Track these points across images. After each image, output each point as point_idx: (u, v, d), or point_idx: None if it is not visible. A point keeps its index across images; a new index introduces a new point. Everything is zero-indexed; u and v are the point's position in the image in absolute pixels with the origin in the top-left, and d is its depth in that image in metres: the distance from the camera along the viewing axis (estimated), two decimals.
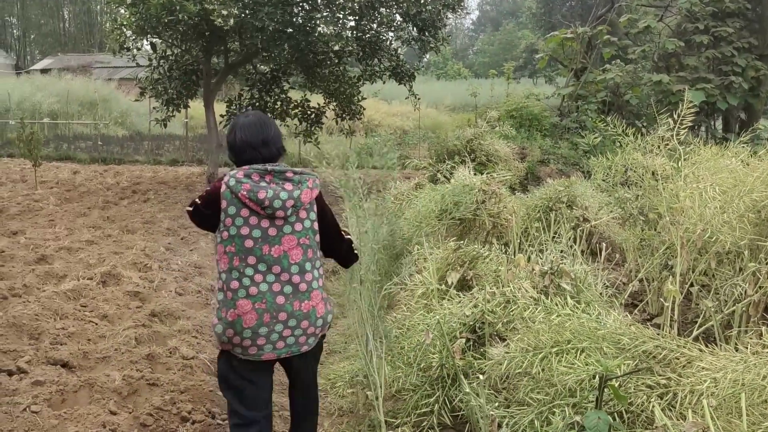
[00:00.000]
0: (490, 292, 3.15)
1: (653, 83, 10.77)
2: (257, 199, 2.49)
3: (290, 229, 2.58)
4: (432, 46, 10.38)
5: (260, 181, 2.54)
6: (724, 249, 3.56)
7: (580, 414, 2.34)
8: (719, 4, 11.00)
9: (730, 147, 4.80)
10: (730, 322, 3.59)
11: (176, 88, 10.13)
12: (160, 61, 10.23)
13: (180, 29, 8.62)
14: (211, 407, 3.38)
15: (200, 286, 5.28)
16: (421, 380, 3.14)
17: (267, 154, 2.64)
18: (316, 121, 11.77)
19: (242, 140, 2.65)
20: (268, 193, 2.51)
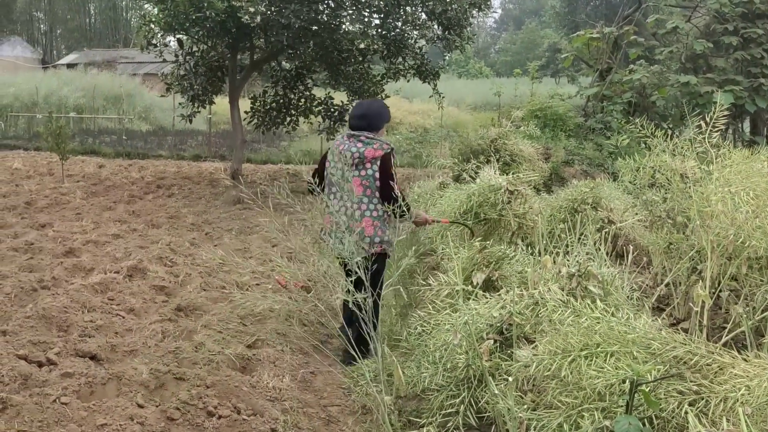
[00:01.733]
0: (518, 294, 3.13)
1: (680, 84, 10.64)
2: (338, 150, 4.02)
3: (357, 173, 3.99)
4: (457, 45, 10.35)
5: (346, 141, 4.04)
6: (756, 255, 3.50)
7: (610, 419, 2.32)
8: (749, 5, 10.83)
9: (761, 150, 4.72)
10: (760, 329, 3.54)
11: (202, 84, 10.19)
12: (186, 58, 10.31)
13: (207, 26, 8.67)
14: (237, 402, 3.40)
15: (224, 282, 5.32)
16: (447, 380, 3.14)
17: (357, 124, 4.07)
18: (339, 118, 11.79)
19: (350, 114, 4.20)
20: (344, 147, 4.01)
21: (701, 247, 3.92)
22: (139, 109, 23.12)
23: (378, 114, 4.17)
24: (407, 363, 3.60)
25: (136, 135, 19.14)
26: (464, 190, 5.50)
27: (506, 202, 5.15)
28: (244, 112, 11.00)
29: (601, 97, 11.72)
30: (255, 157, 15.46)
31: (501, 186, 5.34)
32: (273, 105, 11.31)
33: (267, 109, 11.28)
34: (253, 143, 17.55)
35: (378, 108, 4.24)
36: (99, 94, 22.77)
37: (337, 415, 3.57)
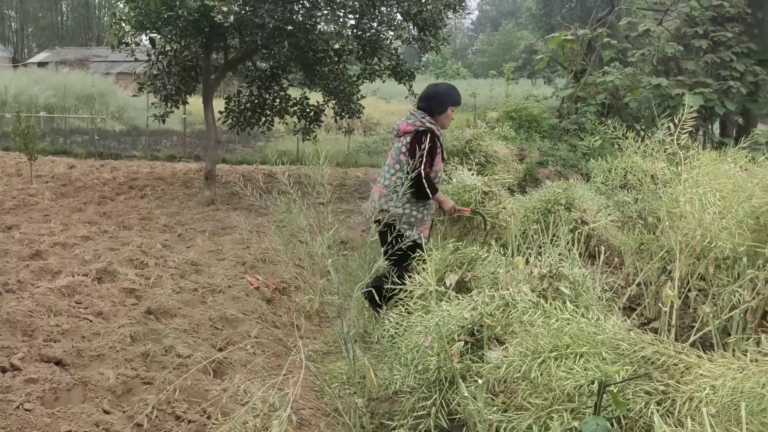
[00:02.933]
0: (489, 295, 3.13)
1: (652, 86, 10.78)
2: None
3: (393, 145, 4.50)
4: (432, 46, 10.36)
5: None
6: (723, 255, 3.55)
7: (579, 419, 2.33)
8: (719, 9, 11.01)
9: (728, 152, 4.79)
10: (727, 328, 3.58)
11: (175, 84, 10.07)
12: (159, 57, 10.18)
13: (179, 25, 8.56)
14: (207, 407, 3.36)
15: (197, 284, 5.25)
16: (419, 382, 3.13)
17: (418, 105, 4.51)
18: (315, 119, 11.74)
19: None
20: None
21: (670, 248, 3.97)
22: (113, 108, 22.82)
23: (433, 97, 4.45)
24: (380, 365, 3.59)
25: (109, 135, 18.87)
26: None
27: (480, 203, 5.17)
28: (219, 112, 10.90)
29: (576, 98, 11.83)
30: (230, 157, 15.34)
31: (475, 187, 5.36)
32: (248, 105, 11.21)
33: (242, 109, 11.19)
34: (228, 143, 17.41)
35: (435, 91, 4.50)
36: (70, 93, 22.42)
37: (309, 418, 3.54)
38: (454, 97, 4.50)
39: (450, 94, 4.48)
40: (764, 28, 11.36)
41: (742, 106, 11.34)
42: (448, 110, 4.46)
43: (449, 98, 4.46)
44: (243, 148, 17.27)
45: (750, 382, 2.06)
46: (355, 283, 3.89)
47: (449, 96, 4.47)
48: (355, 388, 3.27)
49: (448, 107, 4.45)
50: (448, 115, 4.49)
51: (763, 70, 11.11)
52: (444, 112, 4.45)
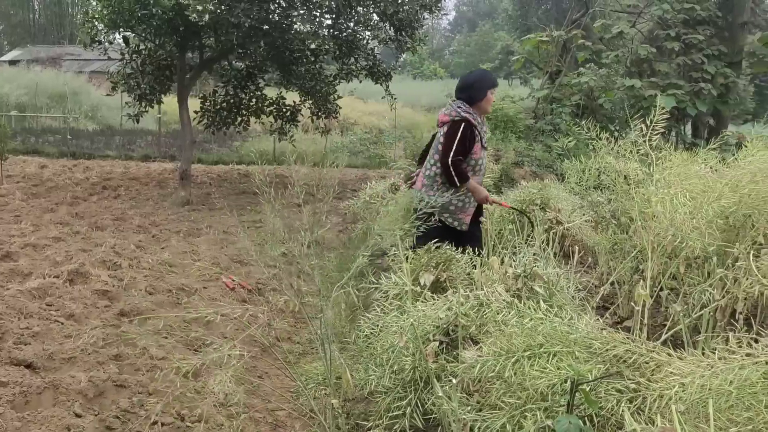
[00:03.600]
0: (464, 295, 3.15)
1: (626, 88, 10.91)
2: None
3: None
4: (409, 47, 10.38)
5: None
6: (693, 254, 3.61)
7: (552, 418, 2.35)
8: (690, 12, 11.19)
9: (699, 153, 4.87)
10: (697, 327, 3.64)
11: (149, 83, 9.96)
12: (132, 56, 10.06)
13: (153, 23, 8.47)
14: (180, 409, 3.33)
15: (171, 285, 5.20)
16: (394, 383, 3.13)
17: (457, 96, 4.53)
18: (292, 119, 11.69)
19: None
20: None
21: (643, 248, 4.02)
22: (86, 107, 22.48)
23: (471, 86, 4.49)
24: (356, 365, 3.59)
25: (82, 134, 18.61)
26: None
27: None
28: (194, 111, 10.81)
29: (551, 99, 11.93)
30: (206, 157, 15.22)
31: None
32: (223, 105, 11.13)
33: (217, 109, 11.10)
34: (204, 143, 17.27)
35: (472, 79, 4.56)
36: (42, 92, 22.05)
37: (284, 420, 3.53)
38: (489, 80, 4.57)
39: (486, 79, 4.57)
40: (734, 31, 11.56)
41: (713, 108, 11.53)
42: (488, 94, 4.50)
43: (486, 83, 4.52)
44: (219, 148, 17.16)
45: (718, 380, 2.10)
46: (332, 283, 3.89)
47: (485, 80, 4.54)
48: (331, 388, 3.27)
49: (487, 91, 4.50)
50: (489, 99, 4.53)
51: (733, 72, 11.30)
52: (484, 97, 4.50)
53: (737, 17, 11.47)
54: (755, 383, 2.05)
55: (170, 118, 19.55)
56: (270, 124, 12.14)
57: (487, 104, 4.56)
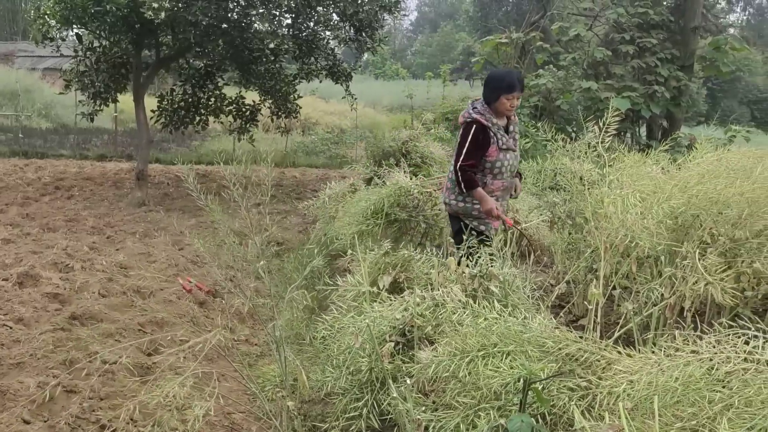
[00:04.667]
0: (420, 296, 3.16)
1: (582, 90, 11.09)
2: None
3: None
4: (369, 47, 10.38)
5: None
6: (644, 254, 3.69)
7: (505, 417, 2.38)
8: (644, 16, 11.43)
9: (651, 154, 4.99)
10: (649, 325, 3.72)
11: (104, 81, 9.75)
12: (86, 53, 9.83)
13: (108, 20, 8.28)
14: (133, 414, 3.26)
15: (125, 287, 5.10)
16: (351, 384, 3.13)
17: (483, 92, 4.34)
18: (251, 118, 11.58)
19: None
20: None
21: (596, 247, 4.09)
22: (39, 105, 21.89)
23: (487, 84, 4.31)
24: (313, 367, 3.58)
25: (35, 133, 18.10)
26: (375, 193, 5.53)
27: (414, 207, 5.22)
28: (151, 110, 10.62)
29: None
30: (164, 157, 14.97)
31: (411, 189, 5.41)
32: (181, 104, 10.96)
33: (175, 108, 10.92)
34: (162, 143, 16.98)
35: (489, 78, 4.35)
36: None
37: (241, 423, 3.50)
38: (505, 84, 4.21)
39: (502, 80, 4.25)
40: (686, 35, 11.84)
41: (666, 110, 11.79)
42: (501, 98, 4.21)
43: (501, 86, 4.21)
44: (178, 148, 16.89)
45: (664, 376, 2.15)
46: (290, 284, 3.87)
47: (501, 82, 4.24)
48: (287, 391, 3.25)
49: (501, 95, 4.21)
50: (502, 103, 4.22)
51: (685, 75, 11.58)
52: (496, 101, 4.23)
53: (689, 22, 11.76)
54: (699, 380, 2.10)
55: (127, 116, 19.14)
56: (229, 124, 12.02)
57: (501, 107, 4.25)
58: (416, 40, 76.85)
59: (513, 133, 4.42)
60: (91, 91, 9.84)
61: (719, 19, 14.70)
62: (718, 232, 3.45)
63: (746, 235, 3.38)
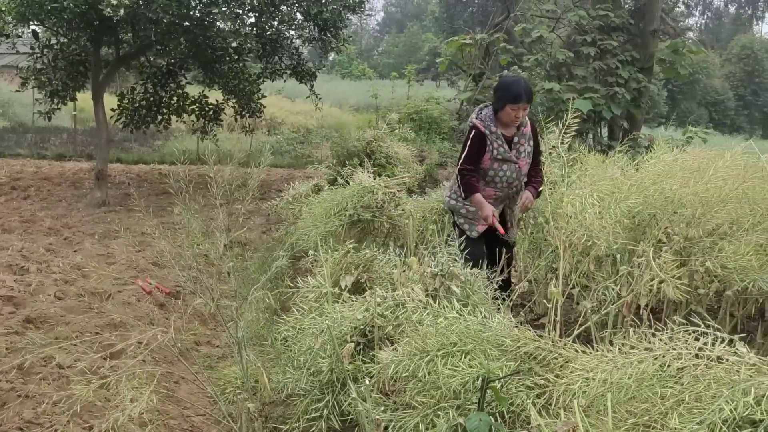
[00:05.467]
0: (381, 296, 3.16)
1: (545, 91, 11.22)
2: None
3: None
4: (333, 46, 10.35)
5: None
6: (602, 253, 3.74)
7: (464, 416, 2.39)
8: (605, 19, 11.61)
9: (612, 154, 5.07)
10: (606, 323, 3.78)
11: (61, 79, 9.53)
12: (43, 50, 9.60)
13: (65, 17, 8.10)
14: (89, 419, 3.20)
15: (83, 290, 4.99)
16: (312, 385, 3.11)
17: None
18: (215, 117, 11.45)
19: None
20: None
21: (556, 246, 4.14)
22: None
23: (495, 91, 4.28)
24: (275, 368, 3.55)
25: None
26: (338, 193, 5.51)
27: (378, 207, 5.21)
28: (111, 109, 10.41)
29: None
30: (126, 156, 14.72)
31: (375, 189, 5.40)
32: (142, 103, 10.78)
33: (136, 107, 10.73)
34: (124, 142, 16.68)
35: (497, 85, 4.34)
36: None
37: (200, 425, 3.46)
38: (511, 93, 4.06)
39: (509, 90, 4.10)
40: (646, 38, 12.07)
41: (627, 111, 12.00)
42: (507, 108, 4.07)
43: (507, 95, 4.07)
44: (140, 147, 16.61)
45: (618, 374, 2.18)
46: (253, 285, 3.83)
47: (507, 91, 4.09)
48: (248, 392, 3.22)
49: (506, 105, 4.07)
50: (507, 113, 4.09)
51: (645, 77, 11.80)
52: (501, 109, 4.11)
53: (648, 25, 11.98)
54: (652, 376, 2.14)
55: (87, 115, 18.76)
56: (192, 123, 11.86)
57: (506, 117, 4.13)
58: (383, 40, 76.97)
59: (518, 145, 4.27)
60: (48, 89, 9.62)
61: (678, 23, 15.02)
62: (672, 231, 3.52)
63: (699, 233, 3.46)
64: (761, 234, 3.46)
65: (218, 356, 4.40)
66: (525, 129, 4.29)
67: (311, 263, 4.66)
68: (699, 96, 44.76)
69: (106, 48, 10.04)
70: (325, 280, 3.70)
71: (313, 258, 4.40)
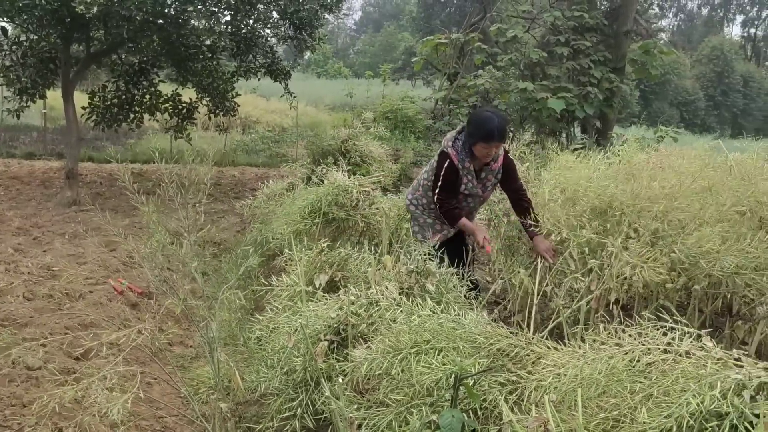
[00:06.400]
0: (355, 294, 3.16)
1: (519, 90, 11.30)
2: None
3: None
4: (308, 45, 10.31)
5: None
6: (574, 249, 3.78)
7: (437, 413, 2.40)
8: (579, 20, 11.73)
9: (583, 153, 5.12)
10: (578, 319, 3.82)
11: (31, 77, 9.34)
12: (12, 47, 9.41)
13: (36, 14, 7.95)
14: (58, 421, 3.15)
15: (53, 290, 4.91)
16: (285, 384, 3.10)
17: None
18: (188, 116, 11.34)
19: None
20: None
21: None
22: None
23: (468, 124, 4.06)
24: (248, 368, 3.53)
25: None
26: (313, 192, 5.50)
27: (352, 206, 5.21)
28: (81, 107, 10.25)
29: (449, 100, 12.19)
30: (98, 155, 14.49)
31: (349, 188, 5.39)
32: (114, 101, 10.62)
33: (107, 105, 10.57)
34: (96, 141, 16.43)
35: (470, 119, 4.09)
36: None
37: (173, 426, 3.43)
38: (482, 132, 3.87)
39: (480, 127, 3.88)
40: (618, 38, 12.22)
41: (599, 111, 12.13)
42: (478, 145, 3.92)
43: (477, 132, 3.90)
44: (112, 146, 16.38)
45: (589, 369, 2.21)
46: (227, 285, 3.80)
47: (479, 129, 3.89)
48: (221, 392, 3.19)
49: (477, 142, 3.91)
50: (478, 149, 3.94)
51: (617, 77, 11.95)
52: (474, 145, 3.95)
53: (622, 26, 12.12)
54: (622, 371, 2.17)
55: (57, 113, 18.44)
56: (165, 122, 11.74)
57: (478, 153, 3.98)
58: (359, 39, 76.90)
59: (485, 180, 4.21)
60: (17, 87, 9.43)
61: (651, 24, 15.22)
62: (641, 225, 3.57)
63: (664, 227, 3.51)
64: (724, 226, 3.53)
65: (191, 356, 4.36)
66: (494, 165, 4.13)
67: (285, 262, 4.65)
68: (670, 96, 45.46)
69: (77, 45, 9.88)
70: (299, 278, 3.69)
71: (288, 257, 4.38)
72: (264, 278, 4.09)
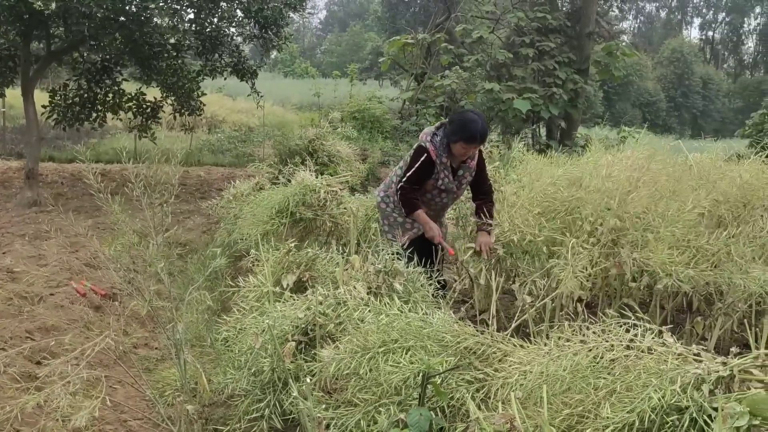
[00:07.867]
0: (323, 294, 3.16)
1: (485, 91, 11.41)
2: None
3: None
4: (274, 44, 10.24)
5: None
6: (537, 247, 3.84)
7: (405, 411, 2.41)
8: (543, 21, 11.89)
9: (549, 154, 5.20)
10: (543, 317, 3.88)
11: None
12: None
13: None
14: (19, 426, 3.08)
15: (12, 293, 4.80)
16: (253, 385, 3.08)
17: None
18: (153, 115, 11.16)
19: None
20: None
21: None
22: None
23: (450, 122, 4.15)
24: (215, 369, 3.50)
25: None
26: (280, 192, 5.47)
27: (320, 206, 5.19)
28: (42, 106, 10.02)
29: (416, 100, 12.24)
30: (59, 155, 14.18)
31: (317, 187, 5.38)
32: (76, 99, 10.40)
33: (69, 103, 10.35)
34: (57, 140, 16.08)
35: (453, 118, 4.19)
36: None
37: (138, 430, 3.38)
38: (465, 133, 4.02)
39: (464, 129, 4.03)
40: (582, 40, 12.43)
41: (564, 111, 12.33)
42: (459, 144, 4.07)
43: (461, 132, 4.04)
44: (74, 145, 16.05)
45: (554, 366, 2.24)
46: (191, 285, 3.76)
47: (463, 130, 4.04)
48: (187, 394, 3.16)
49: (459, 141, 4.06)
50: (458, 148, 4.09)
51: (581, 78, 12.16)
52: (455, 143, 4.09)
53: (584, 27, 12.34)
54: (586, 368, 2.21)
55: (17, 112, 18.00)
56: (129, 121, 11.54)
57: (457, 152, 4.13)
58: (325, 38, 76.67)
59: (461, 177, 4.32)
60: None
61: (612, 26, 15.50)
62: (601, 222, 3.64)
63: (620, 224, 3.58)
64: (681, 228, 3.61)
65: (157, 358, 4.30)
66: (471, 163, 4.28)
67: (252, 262, 4.61)
68: (633, 97, 46.35)
69: (36, 43, 9.66)
70: (267, 279, 3.67)
71: (254, 257, 4.35)
72: (231, 279, 4.05)
